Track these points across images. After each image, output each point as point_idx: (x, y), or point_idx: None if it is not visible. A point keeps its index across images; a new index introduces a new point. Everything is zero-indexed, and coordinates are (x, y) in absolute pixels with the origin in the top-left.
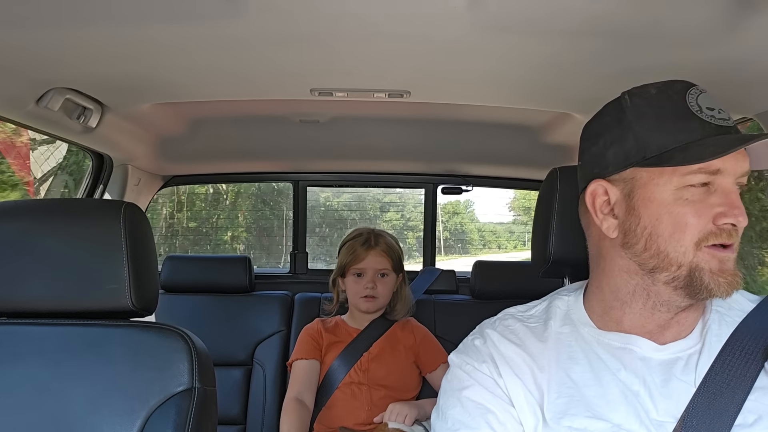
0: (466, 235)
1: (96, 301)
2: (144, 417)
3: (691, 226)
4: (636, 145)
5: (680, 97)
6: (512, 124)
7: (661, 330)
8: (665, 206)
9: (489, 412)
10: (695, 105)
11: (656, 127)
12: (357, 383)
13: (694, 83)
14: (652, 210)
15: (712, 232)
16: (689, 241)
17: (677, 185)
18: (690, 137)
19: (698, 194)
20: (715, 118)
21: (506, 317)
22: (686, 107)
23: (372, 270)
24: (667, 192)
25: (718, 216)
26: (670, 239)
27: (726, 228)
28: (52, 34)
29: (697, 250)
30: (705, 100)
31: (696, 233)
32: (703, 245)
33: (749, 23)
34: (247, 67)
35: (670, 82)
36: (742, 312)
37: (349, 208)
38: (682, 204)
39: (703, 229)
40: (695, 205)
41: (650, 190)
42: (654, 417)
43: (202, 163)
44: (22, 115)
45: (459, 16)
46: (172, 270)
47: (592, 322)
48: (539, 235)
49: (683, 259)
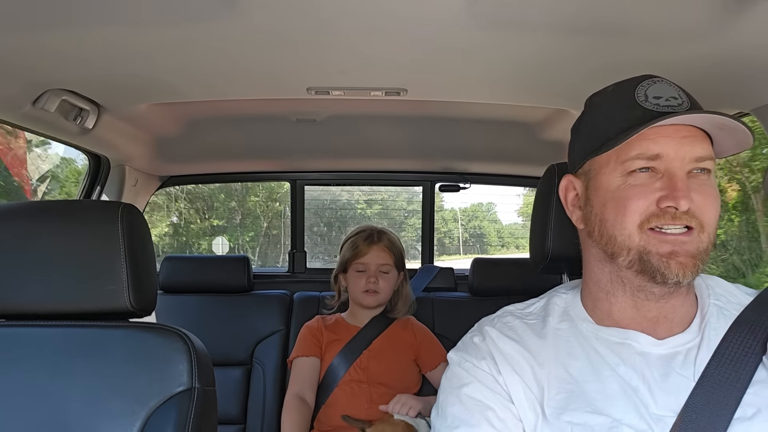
0: (484, 237)
1: (95, 302)
2: (144, 418)
3: (631, 209)
4: (589, 139)
5: (630, 89)
6: (509, 120)
7: (652, 324)
8: (611, 192)
9: (488, 409)
10: (642, 95)
11: (604, 120)
12: (357, 381)
13: (655, 75)
14: (600, 197)
15: (655, 214)
16: (631, 224)
17: (621, 172)
18: (628, 124)
19: (642, 179)
20: (659, 105)
21: (505, 315)
22: (633, 98)
23: (374, 265)
24: (613, 179)
25: (660, 199)
26: (615, 223)
27: (669, 210)
28: (48, 35)
29: (642, 233)
30: (655, 90)
31: (637, 216)
32: (647, 228)
33: (745, 18)
34: (243, 66)
35: (632, 78)
36: (740, 306)
37: (380, 216)
38: (626, 189)
39: (645, 211)
40: (637, 189)
41: (599, 179)
42: (654, 411)
43: (200, 163)
44: (19, 116)
45: (454, 14)
46: (171, 270)
47: (590, 318)
48: (537, 232)
49: (630, 242)
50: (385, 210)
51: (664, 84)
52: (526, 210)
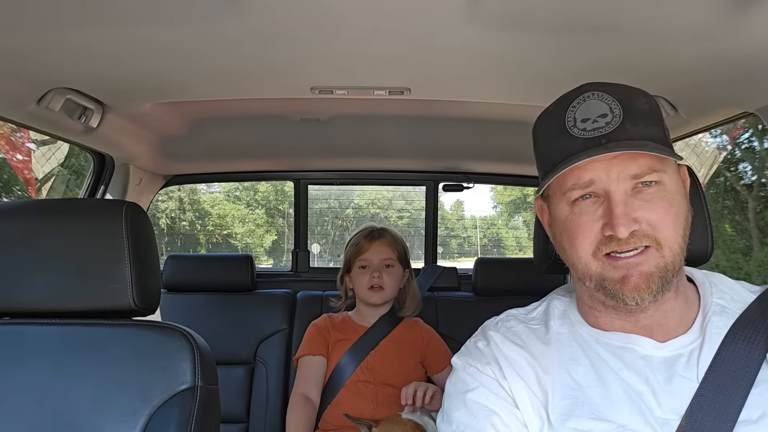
0: (501, 242)
1: (98, 300)
2: (147, 416)
3: (580, 239)
4: (539, 166)
5: (562, 113)
6: (513, 120)
7: (647, 331)
8: (562, 222)
9: (494, 414)
10: (571, 119)
11: (543, 148)
12: (363, 381)
13: (589, 87)
14: (556, 226)
15: (602, 242)
16: (584, 254)
17: (566, 202)
18: (559, 156)
19: (586, 207)
20: (586, 130)
21: (508, 319)
22: (563, 123)
23: (377, 260)
24: (561, 209)
25: (603, 227)
26: (570, 252)
27: (614, 238)
28: (52, 34)
29: (597, 261)
30: (584, 111)
31: (586, 245)
32: (600, 255)
33: (748, 18)
34: (247, 66)
35: (569, 92)
36: (743, 304)
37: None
38: (573, 219)
39: (593, 240)
40: (582, 219)
41: (553, 208)
42: (658, 415)
43: (204, 162)
44: (23, 115)
45: (458, 12)
46: (174, 269)
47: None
48: (541, 232)
49: (588, 270)
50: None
51: (594, 99)
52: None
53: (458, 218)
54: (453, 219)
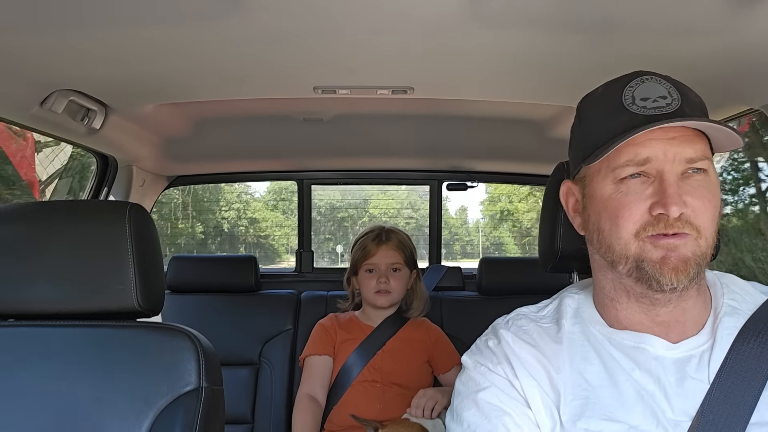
0: (503, 245)
1: (102, 302)
2: (152, 417)
3: (625, 218)
4: (580, 146)
5: (618, 91)
6: (517, 118)
7: (663, 328)
8: (604, 200)
9: (505, 414)
10: (629, 98)
11: (593, 126)
12: (370, 381)
13: (645, 73)
14: (595, 206)
15: (649, 223)
16: (626, 233)
17: (612, 179)
18: (616, 131)
19: (634, 186)
20: (646, 108)
21: (519, 317)
22: (620, 101)
23: (384, 264)
24: (606, 187)
25: (652, 206)
26: (611, 232)
27: (662, 218)
28: (55, 37)
29: (638, 241)
30: (643, 91)
31: (632, 225)
32: (643, 236)
33: (753, 14)
34: (249, 66)
35: (622, 76)
36: (754, 305)
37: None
38: (618, 197)
39: (640, 220)
40: (629, 197)
41: (593, 187)
42: (670, 417)
43: (207, 162)
44: (27, 117)
45: (461, 11)
46: (178, 270)
47: (602, 320)
48: (547, 230)
49: (626, 251)
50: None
51: (653, 82)
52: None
53: (462, 223)
54: (457, 224)
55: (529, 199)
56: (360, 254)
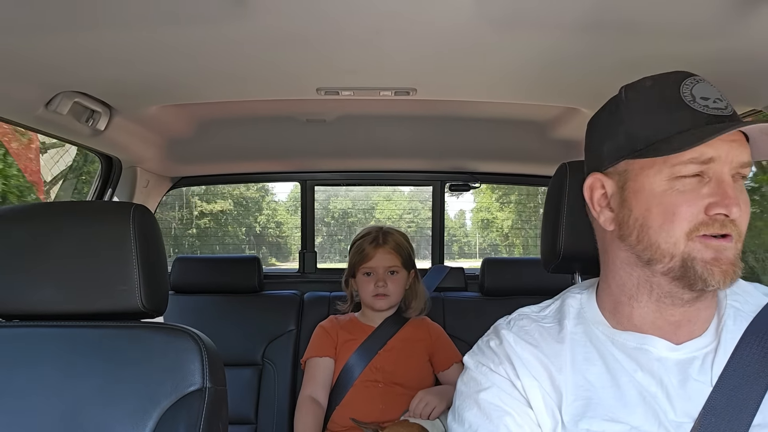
0: (498, 246)
1: (107, 302)
2: (156, 417)
3: (681, 216)
4: (627, 139)
5: (674, 88)
6: (520, 119)
7: (673, 328)
8: (655, 196)
9: (507, 414)
10: (689, 95)
11: (647, 119)
12: (372, 381)
13: (693, 73)
14: (643, 201)
15: (704, 223)
16: (679, 231)
17: (668, 176)
18: (679, 128)
19: (690, 185)
20: (708, 107)
21: (521, 317)
22: (679, 97)
23: (381, 268)
24: (658, 182)
25: (710, 206)
26: (660, 230)
27: (719, 218)
28: (59, 38)
29: (689, 240)
30: (700, 90)
31: (686, 224)
32: (695, 236)
33: (759, 14)
34: (253, 68)
35: (668, 73)
36: (757, 306)
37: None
38: (673, 194)
39: (694, 219)
40: (685, 195)
41: (641, 181)
42: (672, 418)
43: (211, 163)
44: (32, 119)
45: (464, 12)
46: (182, 271)
47: (605, 321)
48: (549, 231)
49: (675, 249)
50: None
51: (706, 84)
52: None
53: (460, 225)
54: (456, 226)
55: (504, 209)
56: (357, 258)
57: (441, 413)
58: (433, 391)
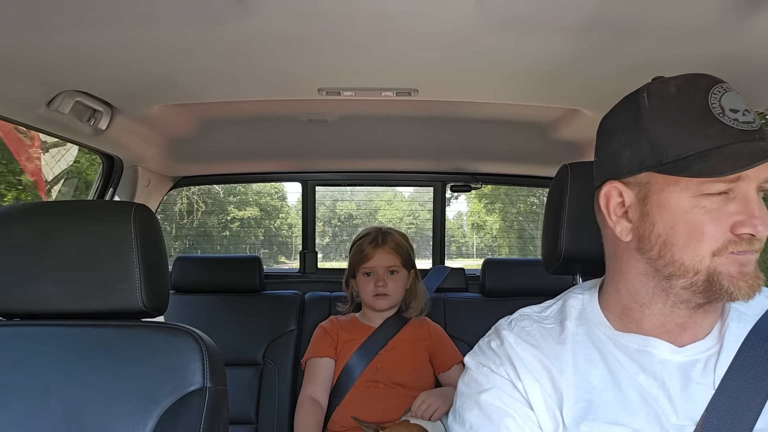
0: (491, 247)
1: (107, 301)
2: (156, 417)
3: (708, 236)
4: (652, 149)
5: (702, 97)
6: (521, 121)
7: (679, 330)
8: (680, 214)
9: (508, 415)
10: (717, 107)
11: (674, 130)
12: (373, 381)
13: (719, 79)
14: (667, 217)
15: (731, 241)
16: (705, 250)
17: (694, 193)
18: (710, 144)
19: (716, 202)
20: (738, 121)
21: (522, 318)
22: (707, 109)
23: (381, 268)
24: (684, 199)
25: (737, 225)
26: (685, 248)
27: (745, 237)
28: (61, 38)
29: (716, 257)
30: (729, 101)
31: (713, 243)
32: (723, 254)
33: (761, 16)
34: (254, 68)
35: (693, 77)
36: (761, 309)
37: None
38: (699, 213)
39: (721, 238)
40: (712, 214)
41: (665, 196)
42: (674, 421)
43: (212, 163)
44: (33, 118)
45: (465, 13)
46: (183, 270)
47: (608, 323)
48: (550, 232)
49: (700, 266)
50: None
51: (733, 92)
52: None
53: (458, 227)
54: (454, 227)
55: (491, 215)
56: (357, 258)
57: (443, 415)
58: (435, 392)
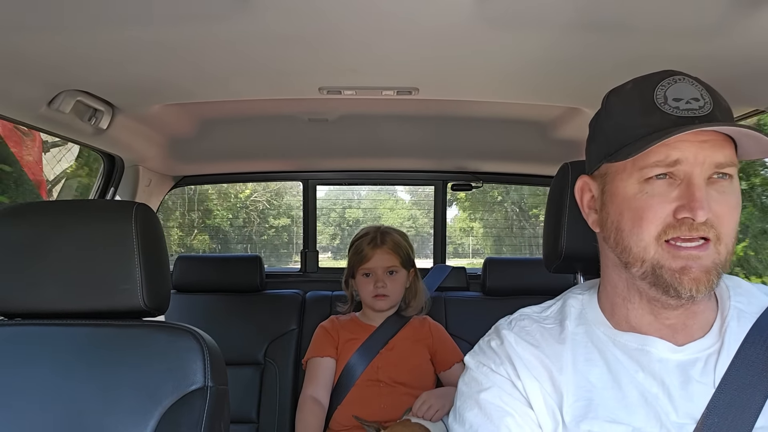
0: (483, 249)
1: (109, 301)
2: (157, 416)
3: (647, 220)
4: (606, 143)
5: (650, 90)
6: (522, 119)
7: (671, 331)
8: (627, 200)
9: (508, 415)
10: (661, 97)
11: (621, 122)
12: (374, 380)
13: (675, 72)
14: (617, 204)
15: (672, 226)
16: (648, 235)
17: (638, 179)
18: (647, 131)
19: (660, 187)
20: (679, 109)
21: (522, 318)
22: (651, 100)
23: (380, 269)
24: (630, 186)
25: (678, 209)
26: (630, 234)
27: (686, 221)
28: (62, 37)
29: (658, 246)
30: (676, 91)
31: (653, 228)
32: (663, 240)
33: (761, 14)
34: (255, 66)
35: (652, 74)
36: (761, 308)
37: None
38: (643, 198)
39: (662, 222)
40: (654, 199)
41: (616, 184)
42: (674, 419)
43: (213, 163)
44: (34, 117)
45: (465, 11)
46: (184, 270)
47: (607, 322)
48: (551, 231)
49: (645, 254)
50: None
51: (685, 83)
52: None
53: (456, 229)
54: (451, 229)
55: (475, 221)
56: (356, 258)
57: (444, 415)
58: (436, 393)
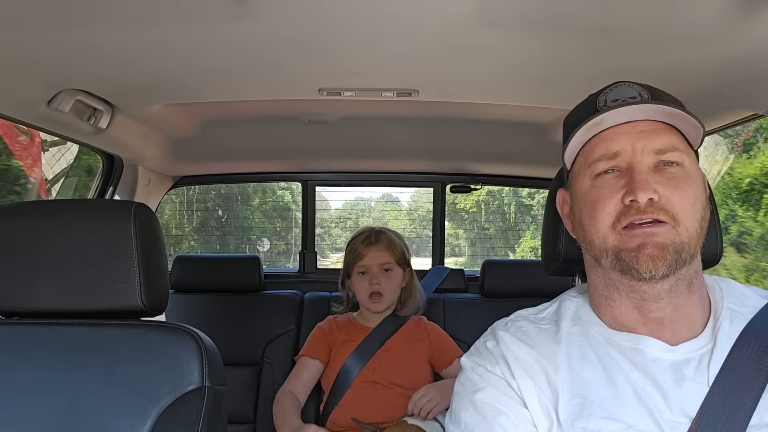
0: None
1: (107, 300)
2: (155, 416)
3: (600, 210)
4: (570, 155)
5: (594, 98)
6: (521, 122)
7: (658, 326)
8: (583, 196)
9: (502, 414)
10: (602, 101)
11: (572, 130)
12: (370, 382)
13: (623, 82)
14: (577, 203)
15: (623, 212)
16: (603, 225)
17: (590, 176)
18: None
19: (609, 180)
20: (616, 106)
21: (518, 319)
22: (594, 105)
23: (375, 266)
24: (585, 183)
25: (624, 195)
26: (590, 227)
27: (633, 205)
28: (62, 36)
29: (616, 234)
30: (617, 93)
31: (606, 217)
32: (620, 228)
33: (756, 20)
34: (255, 67)
35: (613, 83)
36: (754, 309)
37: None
38: (594, 192)
39: (613, 211)
40: (604, 191)
41: (575, 186)
42: (668, 418)
43: (212, 163)
44: (34, 116)
45: (465, 15)
46: (182, 270)
47: (602, 322)
48: (549, 234)
49: (604, 244)
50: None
51: (625, 86)
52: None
53: (448, 235)
54: (449, 230)
55: (465, 227)
56: (351, 257)
57: (442, 410)
58: (435, 386)
